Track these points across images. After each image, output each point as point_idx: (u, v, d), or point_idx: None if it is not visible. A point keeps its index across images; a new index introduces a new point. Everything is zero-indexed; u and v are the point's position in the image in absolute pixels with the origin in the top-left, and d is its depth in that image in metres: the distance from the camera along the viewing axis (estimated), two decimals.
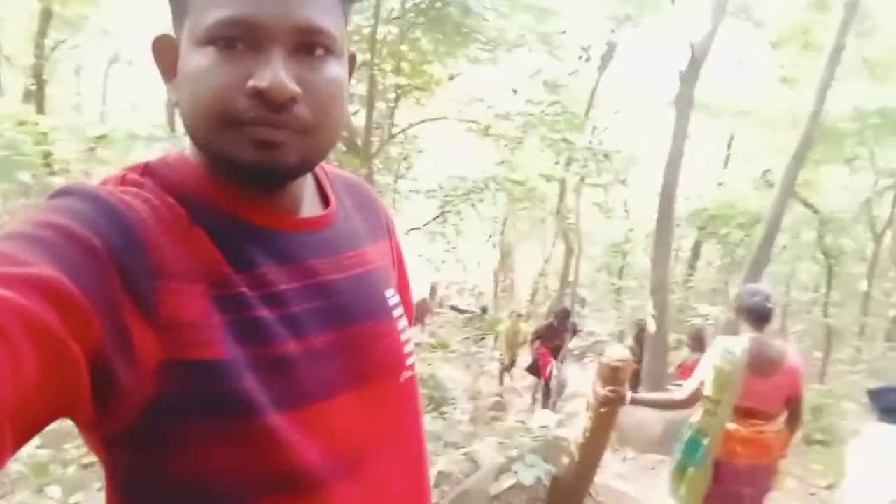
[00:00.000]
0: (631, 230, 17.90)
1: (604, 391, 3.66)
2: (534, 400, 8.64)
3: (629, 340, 11.33)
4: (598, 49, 12.40)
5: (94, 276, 0.62)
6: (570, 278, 17.42)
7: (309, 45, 0.72)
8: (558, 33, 10.12)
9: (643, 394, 4.18)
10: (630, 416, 6.87)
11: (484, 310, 16.70)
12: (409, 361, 0.89)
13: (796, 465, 7.15)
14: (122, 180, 0.74)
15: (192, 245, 0.71)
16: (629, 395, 3.59)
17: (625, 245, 17.84)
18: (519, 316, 12.89)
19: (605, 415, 3.79)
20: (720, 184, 15.58)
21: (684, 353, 8.96)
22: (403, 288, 0.98)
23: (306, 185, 0.85)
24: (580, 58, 11.47)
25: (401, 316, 0.90)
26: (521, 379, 10.88)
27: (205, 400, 0.68)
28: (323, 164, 0.87)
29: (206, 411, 0.68)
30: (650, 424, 7.06)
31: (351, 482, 0.77)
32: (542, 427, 4.20)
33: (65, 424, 0.76)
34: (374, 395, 0.81)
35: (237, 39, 0.69)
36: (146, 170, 0.76)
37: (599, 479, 4.35)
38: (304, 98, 0.71)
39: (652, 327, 9.42)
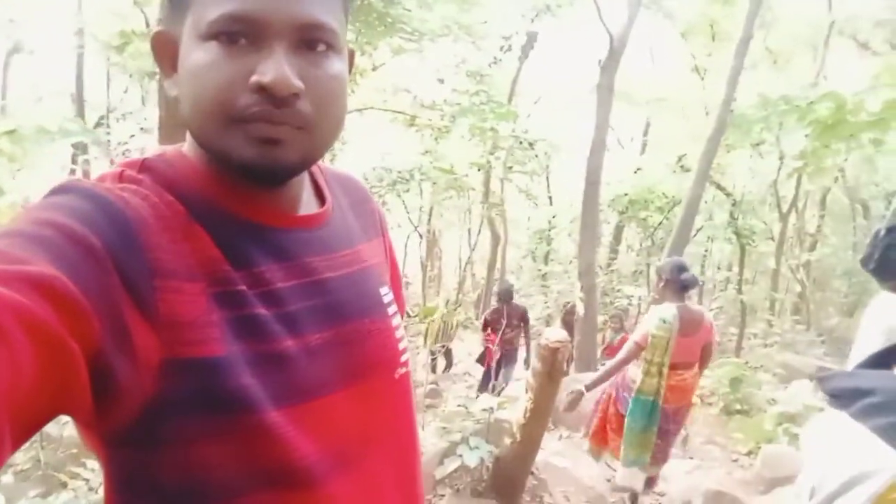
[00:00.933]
0: (555, 216, 18.28)
1: (544, 369, 3.79)
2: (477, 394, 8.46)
3: (557, 324, 11.65)
4: (520, 39, 12.59)
5: (94, 275, 0.62)
6: (497, 265, 17.70)
7: (311, 40, 0.72)
8: (481, 23, 10.22)
9: (590, 375, 4.67)
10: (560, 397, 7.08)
11: None
12: (403, 358, 0.90)
13: (719, 434, 7.55)
14: (120, 177, 0.74)
15: (192, 242, 0.71)
16: (581, 387, 4.22)
17: (549, 231, 18.21)
18: (451, 305, 12.97)
19: (545, 395, 3.91)
20: (638, 169, 16.10)
21: (608, 336, 9.34)
22: (396, 285, 1.00)
23: (303, 182, 0.85)
24: (502, 48, 11.63)
25: (395, 313, 0.91)
26: (455, 367, 10.99)
27: (203, 397, 0.68)
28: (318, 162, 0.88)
29: (204, 408, 0.68)
30: (582, 404, 7.27)
31: (346, 478, 0.78)
32: (484, 410, 4.26)
33: None
34: (369, 391, 0.82)
35: (240, 34, 0.69)
36: (144, 166, 0.75)
37: (539, 456, 4.47)
38: (306, 94, 0.71)
39: (581, 310, 9.71)
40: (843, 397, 0.75)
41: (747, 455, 6.84)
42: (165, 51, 0.76)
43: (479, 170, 13.36)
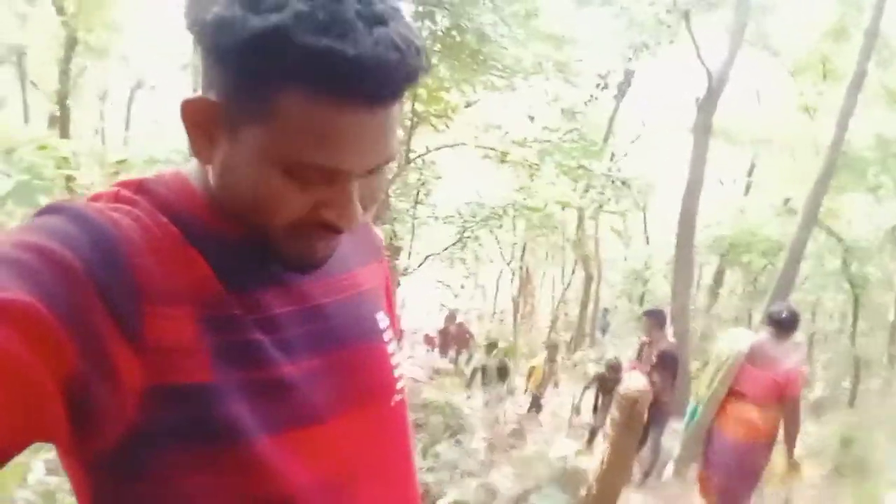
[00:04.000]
0: (651, 256, 17.78)
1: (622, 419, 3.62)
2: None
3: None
4: (616, 77, 12.44)
5: (72, 300, 0.60)
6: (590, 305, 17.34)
7: (379, 169, 0.73)
8: (575, 61, 10.18)
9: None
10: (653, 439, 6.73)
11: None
12: (399, 385, 0.88)
13: (827, 498, 6.97)
14: (116, 197, 0.72)
15: (184, 266, 0.69)
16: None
17: (645, 272, 17.71)
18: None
19: (625, 445, 3.74)
20: (741, 211, 15.45)
21: None
22: (391, 311, 0.98)
23: None
24: (598, 85, 11.53)
25: (391, 339, 0.89)
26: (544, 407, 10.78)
27: (190, 425, 0.66)
28: None
29: (191, 437, 0.67)
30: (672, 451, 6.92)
31: None
32: (561, 457, 4.12)
33: None
34: (365, 419, 0.81)
35: (319, 178, 0.69)
36: (140, 188, 0.74)
37: None
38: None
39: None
40: None
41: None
42: (209, 119, 0.70)
43: (563, 209, 13.18)
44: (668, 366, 6.49)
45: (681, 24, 10.84)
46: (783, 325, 4.14)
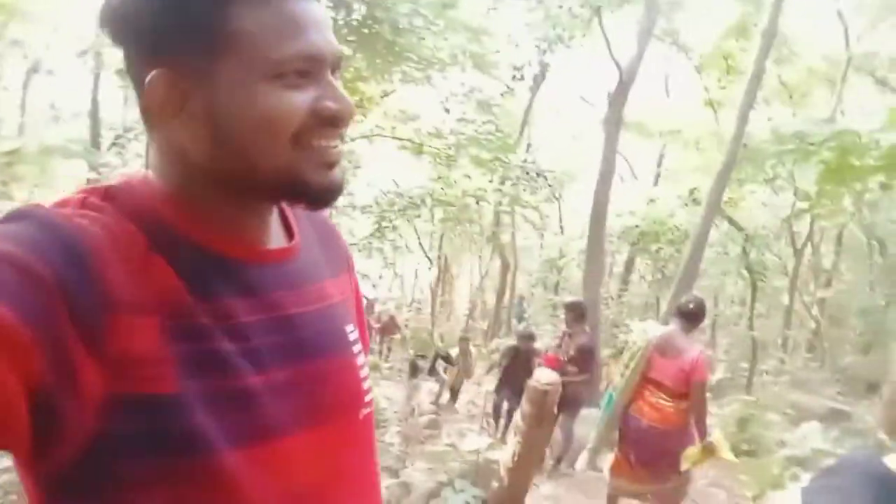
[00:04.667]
0: (565, 246, 18.18)
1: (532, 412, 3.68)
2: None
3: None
4: (531, 69, 12.59)
5: (38, 307, 0.59)
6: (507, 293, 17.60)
7: (338, 67, 0.78)
8: (492, 53, 10.24)
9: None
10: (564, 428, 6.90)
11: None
12: (367, 398, 0.87)
13: (725, 476, 7.33)
14: (83, 203, 0.71)
15: (151, 274, 0.69)
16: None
17: (559, 261, 18.10)
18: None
19: (534, 437, 3.80)
20: (651, 201, 15.98)
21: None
22: (360, 324, 0.97)
23: (273, 215, 0.85)
24: (513, 77, 11.64)
25: (360, 352, 0.89)
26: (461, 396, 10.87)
27: (153, 437, 0.65)
28: None
29: (153, 449, 0.65)
30: (585, 441, 7.11)
31: None
32: (473, 451, 4.15)
33: None
34: (332, 432, 0.80)
35: (309, 70, 0.73)
36: (107, 194, 0.73)
37: (529, 499, 4.34)
38: None
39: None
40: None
41: (753, 500, 6.61)
42: (174, 95, 0.72)
43: (477, 202, 13.31)
44: (585, 358, 6.73)
45: (593, 18, 11.07)
46: (690, 317, 4.40)
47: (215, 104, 0.72)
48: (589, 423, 7.25)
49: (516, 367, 7.39)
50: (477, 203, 13.43)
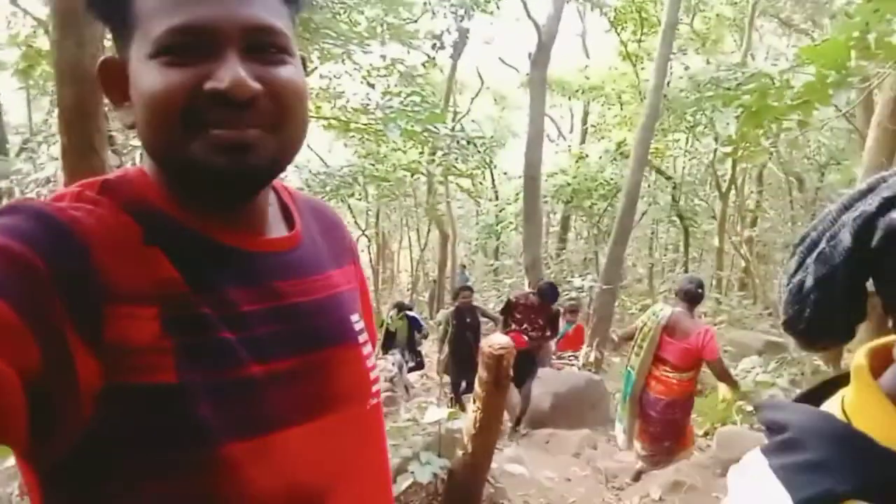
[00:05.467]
0: (502, 210, 18.33)
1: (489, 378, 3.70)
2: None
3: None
4: (451, 37, 12.52)
5: (34, 298, 0.59)
6: (448, 263, 17.66)
7: (262, 44, 0.71)
8: (409, 23, 10.11)
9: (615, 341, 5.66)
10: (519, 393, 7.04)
11: None
12: (375, 388, 0.86)
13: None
14: (78, 197, 0.70)
15: (147, 265, 0.68)
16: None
17: (496, 226, 18.25)
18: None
19: (493, 402, 3.83)
20: (580, 158, 16.22)
21: (562, 326, 9.36)
22: (367, 314, 0.96)
23: (271, 204, 0.84)
24: (433, 46, 11.55)
25: (366, 341, 0.87)
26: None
27: (152, 427, 0.65)
28: (288, 186, 0.90)
29: (152, 440, 0.65)
30: (540, 400, 7.26)
31: None
32: (434, 422, 4.16)
33: None
34: (339, 422, 0.79)
35: (190, 46, 0.68)
36: (103, 187, 0.73)
37: (495, 463, 4.39)
38: (267, 94, 0.70)
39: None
40: (770, 430, 0.68)
41: (704, 436, 6.87)
42: (113, 79, 0.75)
43: (412, 175, 13.25)
44: (555, 326, 7.47)
45: None
46: (694, 297, 4.86)
47: (131, 92, 0.73)
48: (542, 383, 7.41)
49: (461, 328, 7.47)
50: (412, 177, 13.35)
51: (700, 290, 4.93)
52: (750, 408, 7.63)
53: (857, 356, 0.66)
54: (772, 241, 17.89)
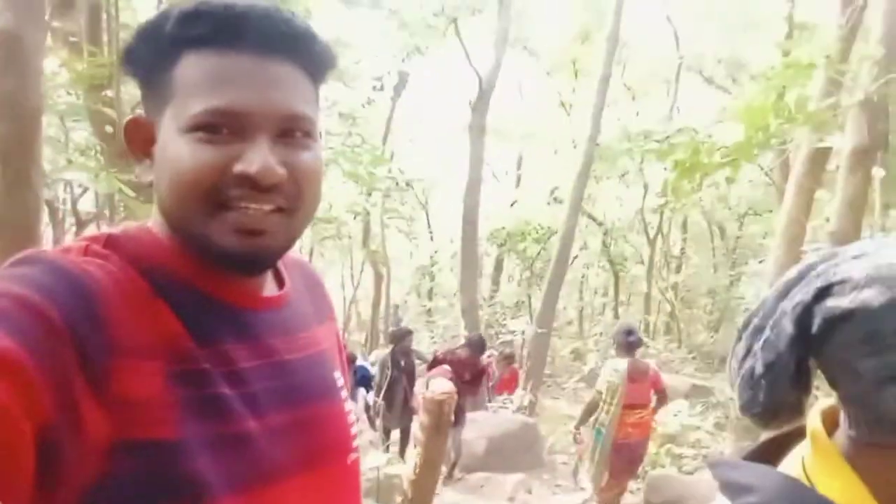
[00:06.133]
0: (436, 252, 18.43)
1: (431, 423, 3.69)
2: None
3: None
4: (392, 79, 12.66)
5: (50, 350, 0.60)
6: (381, 303, 17.55)
7: (290, 130, 0.74)
8: (352, 64, 10.20)
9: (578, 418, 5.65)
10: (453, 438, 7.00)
11: None
12: (354, 443, 0.88)
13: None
14: (86, 251, 0.71)
15: (154, 320, 0.69)
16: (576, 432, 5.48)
17: (431, 267, 18.31)
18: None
19: (434, 447, 3.81)
20: (514, 202, 16.53)
21: (497, 369, 9.43)
22: (344, 371, 0.97)
23: None
24: (374, 88, 11.66)
25: (346, 398, 0.90)
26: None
27: (154, 481, 0.65)
28: None
29: (155, 493, 0.65)
30: (475, 444, 7.24)
31: None
32: (373, 468, 4.10)
33: None
34: (324, 476, 0.80)
35: (223, 126, 0.71)
36: (108, 241, 0.74)
37: None
38: (288, 180, 0.73)
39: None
40: (728, 488, 0.71)
41: (635, 479, 6.96)
42: (139, 137, 0.77)
43: (355, 217, 13.23)
44: (485, 380, 7.57)
45: (449, 27, 11.32)
46: (634, 345, 5.33)
47: (157, 157, 0.75)
48: (476, 426, 7.40)
49: (397, 373, 7.34)
50: (354, 218, 13.32)
51: (634, 338, 5.35)
52: (679, 451, 7.84)
53: (811, 419, 0.71)
54: (696, 286, 18.58)
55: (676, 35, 15.61)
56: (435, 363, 7.05)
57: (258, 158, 0.70)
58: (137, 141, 0.78)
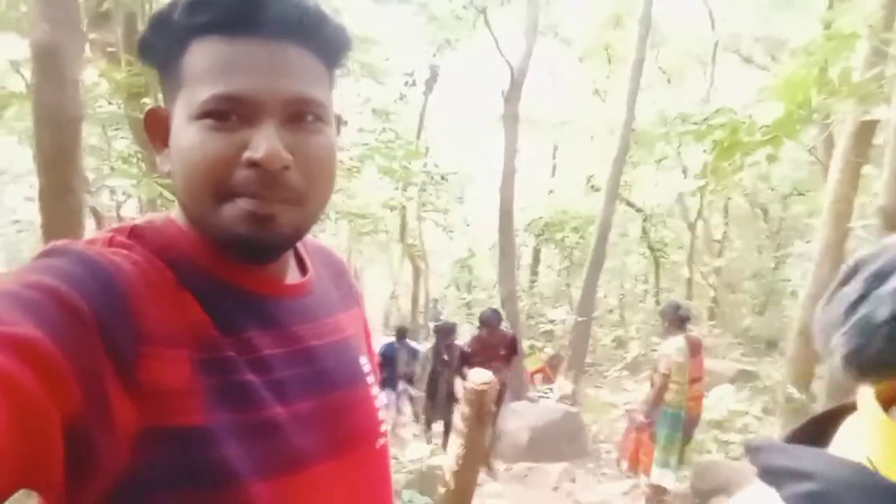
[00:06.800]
0: (473, 244, 18.39)
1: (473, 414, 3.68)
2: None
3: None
4: (423, 74, 12.67)
5: (78, 340, 0.61)
6: (421, 298, 17.61)
7: (299, 114, 0.74)
8: (382, 60, 10.24)
9: (644, 405, 5.57)
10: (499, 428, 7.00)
11: None
12: (383, 428, 0.89)
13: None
14: (111, 242, 0.73)
15: (180, 309, 0.70)
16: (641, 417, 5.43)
17: (469, 260, 18.28)
18: None
19: (475, 438, 3.81)
20: (551, 192, 16.39)
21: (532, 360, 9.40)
22: (371, 357, 0.98)
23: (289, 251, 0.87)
24: (406, 83, 11.67)
25: (374, 383, 0.91)
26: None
27: (184, 469, 0.66)
28: None
29: (184, 481, 0.66)
30: (518, 434, 7.23)
31: None
32: (416, 460, 4.12)
33: None
34: (353, 461, 0.81)
35: (230, 112, 0.71)
36: (133, 232, 0.75)
37: (476, 499, 4.35)
38: (296, 165, 0.73)
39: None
40: (775, 475, 0.67)
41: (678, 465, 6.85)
42: (157, 127, 0.78)
43: (391, 210, 13.27)
44: (513, 348, 7.16)
45: (479, 18, 11.27)
46: (685, 319, 5.40)
47: (171, 143, 0.76)
48: (519, 416, 7.39)
49: (439, 367, 7.30)
50: (391, 211, 13.38)
51: (684, 312, 5.43)
52: (725, 437, 7.70)
53: (865, 399, 0.66)
54: (739, 270, 18.19)
55: (711, 14, 15.26)
56: (466, 357, 6.85)
57: (264, 144, 0.70)
58: (157, 131, 0.79)
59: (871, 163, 5.82)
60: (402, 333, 8.55)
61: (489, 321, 6.95)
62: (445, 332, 7.60)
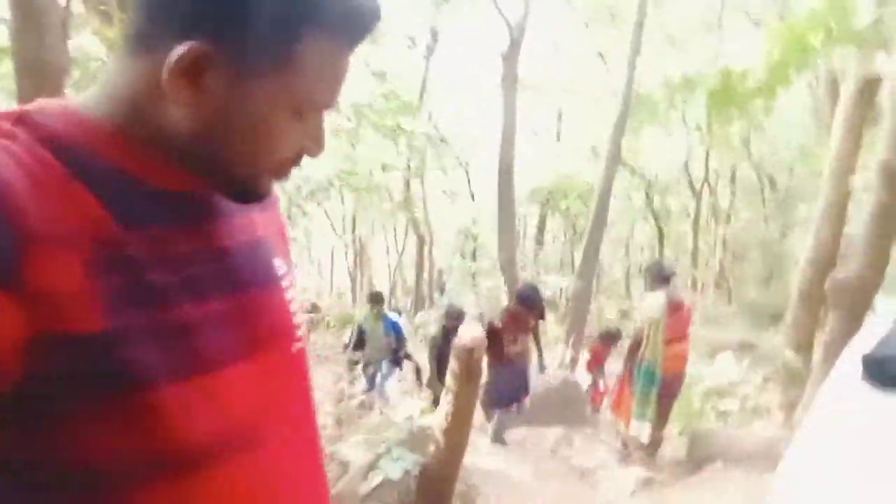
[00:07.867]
0: (478, 212, 18.31)
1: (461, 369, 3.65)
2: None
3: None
4: (424, 37, 12.47)
5: None
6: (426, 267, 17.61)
7: None
8: (381, 22, 10.07)
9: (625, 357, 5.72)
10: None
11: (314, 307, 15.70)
12: (298, 333, 0.87)
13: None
14: None
15: (71, 204, 0.64)
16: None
17: (473, 228, 18.22)
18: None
19: (465, 396, 3.77)
20: (556, 156, 16.24)
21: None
22: (288, 259, 0.95)
23: None
24: (408, 46, 11.51)
25: (289, 286, 0.88)
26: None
27: (85, 375, 0.63)
28: None
29: (86, 387, 0.63)
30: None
31: (245, 457, 0.75)
32: (407, 418, 4.09)
33: None
34: (267, 363, 0.79)
35: (312, 115, 0.76)
36: (19, 119, 0.68)
37: (470, 459, 4.33)
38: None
39: (505, 303, 9.64)
40: None
41: (679, 435, 6.83)
42: (200, 68, 0.68)
43: (383, 170, 13.17)
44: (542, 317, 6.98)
45: None
46: (666, 276, 5.34)
47: (229, 104, 0.70)
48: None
49: (448, 347, 7.18)
50: (382, 170, 13.27)
51: (662, 270, 5.40)
52: (723, 408, 7.68)
53: None
54: (746, 240, 18.06)
55: None
56: (494, 332, 6.15)
57: (321, 139, 0.77)
58: (196, 70, 0.68)
59: (873, 123, 5.70)
60: (376, 299, 8.40)
61: (528, 299, 6.56)
62: (455, 317, 7.58)
